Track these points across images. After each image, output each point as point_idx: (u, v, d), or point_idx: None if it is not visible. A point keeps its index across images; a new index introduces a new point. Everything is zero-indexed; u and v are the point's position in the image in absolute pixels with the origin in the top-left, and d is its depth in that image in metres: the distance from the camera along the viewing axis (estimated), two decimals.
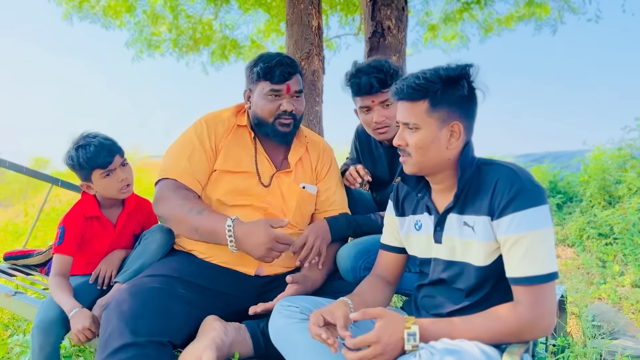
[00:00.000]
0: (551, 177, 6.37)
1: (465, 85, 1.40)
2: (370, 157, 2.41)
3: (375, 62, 2.07)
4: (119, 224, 2.08)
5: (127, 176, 2.00)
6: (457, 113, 1.41)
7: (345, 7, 7.44)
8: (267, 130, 2.00)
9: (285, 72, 1.94)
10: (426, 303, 1.57)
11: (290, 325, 1.49)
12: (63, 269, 1.93)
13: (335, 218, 2.07)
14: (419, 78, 1.41)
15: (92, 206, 2.03)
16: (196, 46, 7.82)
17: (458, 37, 7.99)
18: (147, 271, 1.80)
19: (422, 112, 1.41)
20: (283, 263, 1.97)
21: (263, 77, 1.96)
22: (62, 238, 1.94)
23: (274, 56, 1.97)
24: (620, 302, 3.20)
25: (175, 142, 2.02)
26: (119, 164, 1.97)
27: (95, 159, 1.91)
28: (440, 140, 1.42)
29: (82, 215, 2.00)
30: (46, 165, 20.38)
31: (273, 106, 1.96)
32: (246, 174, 1.98)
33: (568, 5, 6.80)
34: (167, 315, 1.60)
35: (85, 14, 6.93)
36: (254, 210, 1.95)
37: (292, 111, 1.96)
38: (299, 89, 2.00)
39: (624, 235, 4.31)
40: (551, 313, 1.28)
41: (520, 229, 1.29)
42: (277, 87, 1.95)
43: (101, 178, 1.95)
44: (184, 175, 1.91)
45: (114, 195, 2.00)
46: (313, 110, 3.47)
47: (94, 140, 1.93)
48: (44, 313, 1.82)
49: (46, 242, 5.21)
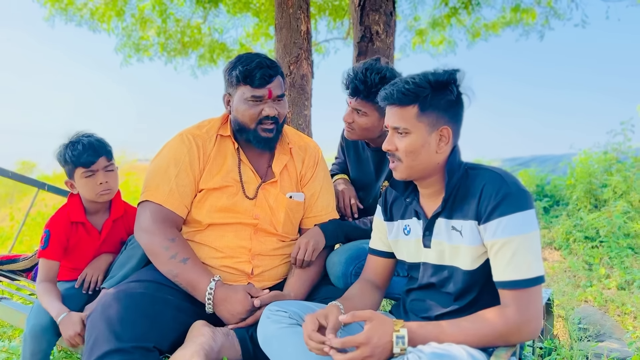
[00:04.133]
0: (538, 181, 6.41)
1: (454, 90, 1.42)
2: (357, 158, 2.42)
3: (368, 69, 2.06)
4: (104, 230, 2.05)
5: (109, 181, 1.95)
6: (445, 117, 1.43)
7: (334, 12, 7.47)
8: (249, 136, 1.93)
9: (265, 75, 1.84)
10: (415, 307, 1.58)
11: (279, 330, 1.48)
12: (50, 274, 1.90)
13: (326, 224, 2.07)
14: (409, 83, 1.42)
15: (78, 211, 2.00)
16: (185, 50, 7.79)
17: (446, 42, 8.04)
18: (133, 276, 1.79)
19: (411, 116, 1.43)
20: (274, 278, 1.96)
21: (243, 81, 1.86)
22: (47, 242, 1.92)
23: (253, 58, 1.88)
24: (606, 304, 3.24)
25: (160, 158, 1.94)
26: (102, 167, 1.92)
27: (79, 157, 1.88)
28: (429, 144, 1.43)
29: (68, 220, 1.98)
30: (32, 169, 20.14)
31: (254, 111, 1.88)
32: (231, 189, 1.92)
33: (554, 11, 6.88)
34: (154, 320, 1.59)
35: (70, 17, 6.86)
36: (244, 227, 1.91)
37: (274, 115, 1.89)
38: (281, 92, 1.93)
39: (610, 238, 4.35)
40: (538, 316, 1.29)
41: (506, 233, 1.30)
42: (258, 92, 1.86)
43: (82, 177, 1.91)
44: (170, 200, 1.85)
45: (91, 197, 1.95)
46: (302, 114, 3.48)
47: (84, 139, 1.91)
48: (35, 319, 1.80)
49: (32, 247, 5.16)
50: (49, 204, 7.79)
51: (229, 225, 1.90)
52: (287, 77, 3.50)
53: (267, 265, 1.92)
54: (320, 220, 2.08)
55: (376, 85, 1.99)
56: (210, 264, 1.87)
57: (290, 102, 3.47)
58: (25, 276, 2.59)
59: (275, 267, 1.95)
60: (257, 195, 1.96)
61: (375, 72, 2.01)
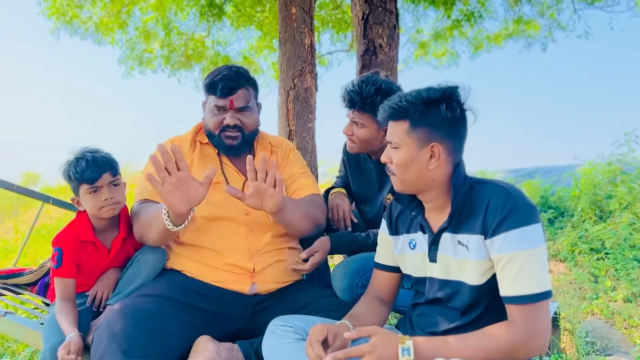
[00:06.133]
0: (542, 192, 6.38)
1: (442, 108, 1.41)
2: (358, 171, 2.43)
3: (364, 82, 2.09)
4: (114, 249, 2.03)
5: (115, 196, 1.93)
6: (438, 134, 1.42)
7: (337, 25, 7.52)
8: (214, 142, 2.06)
9: (226, 87, 1.96)
10: (421, 321, 1.57)
11: (284, 345, 1.48)
12: (67, 292, 1.88)
13: (337, 235, 2.09)
14: (401, 99, 1.43)
15: (87, 230, 1.98)
16: (188, 62, 7.85)
17: (448, 54, 8.09)
18: (138, 292, 1.78)
19: (402, 131, 1.44)
20: (276, 278, 1.96)
21: (208, 91, 2.03)
22: (60, 261, 1.89)
23: (221, 70, 2.01)
24: (612, 317, 3.21)
25: (144, 168, 2.05)
26: (106, 182, 1.91)
27: (82, 174, 1.87)
28: (420, 160, 1.43)
29: (77, 238, 1.96)
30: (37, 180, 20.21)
31: (217, 120, 2.00)
32: (218, 185, 1.99)
33: (557, 23, 6.91)
34: (160, 335, 1.59)
35: (75, 30, 6.91)
36: (238, 225, 1.95)
37: (234, 125, 1.99)
38: (244, 105, 2.01)
39: (616, 250, 4.33)
40: (545, 332, 1.28)
41: (513, 248, 1.30)
42: (220, 102, 1.98)
43: (86, 194, 1.90)
44: (154, 194, 1.93)
45: (96, 213, 1.93)
46: (306, 127, 3.49)
47: (88, 155, 1.90)
48: (55, 336, 1.76)
49: (36, 260, 5.16)
50: (53, 216, 7.81)
51: (222, 220, 1.94)
52: (291, 90, 3.52)
53: (266, 261, 1.94)
54: (303, 193, 2.10)
55: (371, 97, 2.02)
56: (213, 264, 1.88)
57: (294, 115, 3.48)
58: (29, 290, 2.59)
59: (275, 262, 1.96)
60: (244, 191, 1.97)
61: (370, 84, 2.04)
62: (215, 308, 1.82)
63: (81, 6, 6.63)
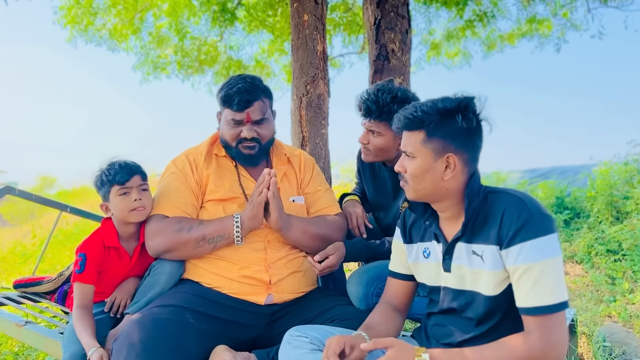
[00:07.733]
0: (558, 193, 6.33)
1: (459, 119, 1.41)
2: (373, 179, 2.43)
3: (380, 90, 2.08)
4: (135, 255, 2.07)
5: (143, 199, 1.98)
6: (453, 145, 1.42)
7: (349, 27, 7.51)
8: (232, 153, 2.09)
9: (242, 100, 1.96)
10: (436, 332, 1.57)
11: (301, 356, 1.48)
12: (85, 299, 1.90)
13: (352, 242, 2.09)
14: (417, 110, 1.43)
15: (112, 236, 2.02)
16: (201, 67, 7.88)
17: (461, 54, 8.03)
18: (156, 302, 1.81)
19: (418, 141, 1.44)
20: (292, 288, 1.98)
21: (224, 104, 2.03)
22: (83, 266, 1.92)
23: (237, 82, 2.00)
24: (630, 320, 3.18)
25: (160, 181, 2.09)
26: (136, 185, 1.97)
27: (115, 175, 1.95)
28: (435, 170, 1.43)
29: (102, 244, 2.00)
30: (53, 184, 20.43)
31: (234, 132, 2.02)
32: (236, 199, 2.02)
33: (570, 22, 6.83)
34: (178, 346, 1.61)
35: (90, 37, 6.99)
36: (255, 237, 1.97)
37: (253, 137, 2.01)
38: (261, 117, 2.02)
39: (633, 251, 4.28)
40: (562, 342, 1.28)
41: (529, 259, 1.29)
42: (237, 115, 1.99)
43: (117, 195, 1.95)
44: (172, 210, 1.96)
45: (125, 215, 1.97)
46: (319, 134, 3.49)
47: (120, 161, 2.00)
48: (73, 346, 1.79)
49: (55, 266, 5.23)
50: (70, 222, 7.89)
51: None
52: (303, 96, 3.52)
53: (283, 273, 1.96)
54: (325, 213, 2.16)
55: (388, 105, 2.02)
56: (229, 276, 1.90)
57: (307, 122, 3.49)
58: (48, 298, 2.62)
59: (291, 274, 1.98)
60: None
61: (386, 92, 2.04)
62: (232, 317, 1.84)
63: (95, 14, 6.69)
